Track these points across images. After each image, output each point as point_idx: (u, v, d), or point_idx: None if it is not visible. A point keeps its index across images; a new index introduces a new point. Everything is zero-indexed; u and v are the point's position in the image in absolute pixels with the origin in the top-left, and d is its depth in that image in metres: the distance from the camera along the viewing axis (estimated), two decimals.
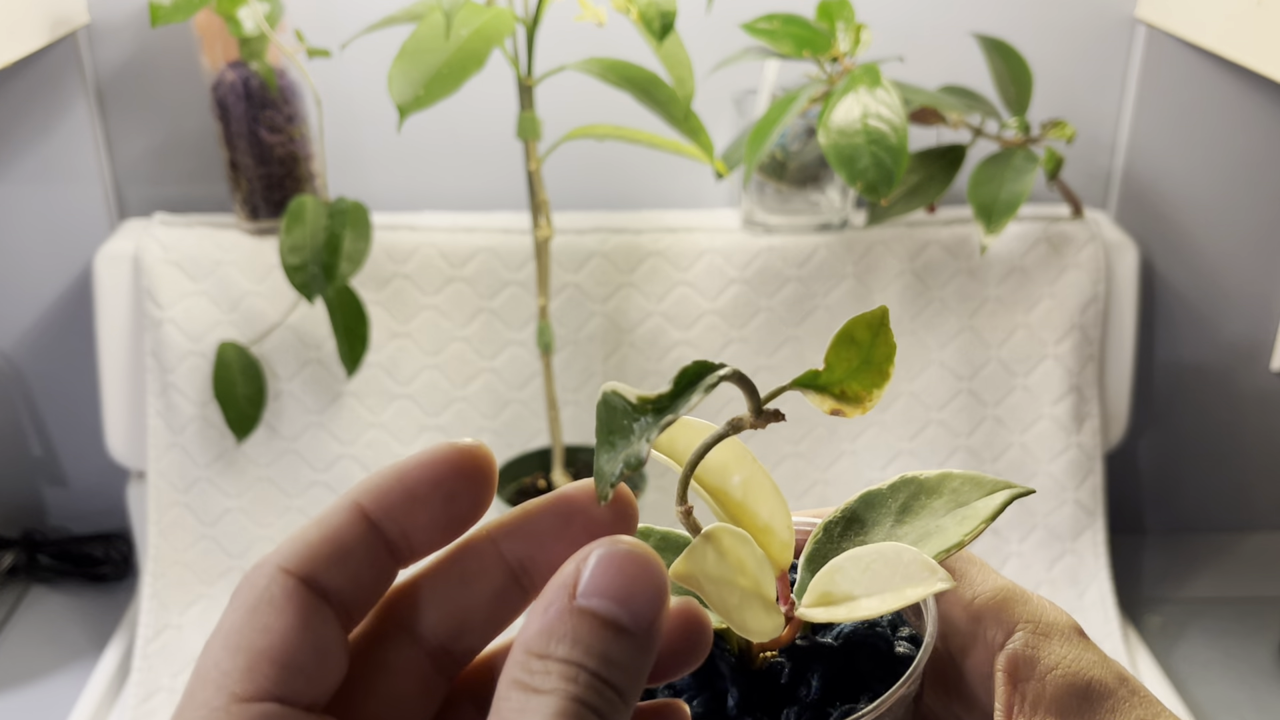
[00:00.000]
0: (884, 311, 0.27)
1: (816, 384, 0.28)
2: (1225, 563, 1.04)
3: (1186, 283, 1.00)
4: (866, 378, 0.28)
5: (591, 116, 0.90)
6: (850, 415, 0.28)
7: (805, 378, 0.28)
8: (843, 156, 0.77)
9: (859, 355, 0.27)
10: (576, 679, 0.22)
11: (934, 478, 0.31)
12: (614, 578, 0.23)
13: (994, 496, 0.30)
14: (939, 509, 0.31)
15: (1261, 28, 0.81)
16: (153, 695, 0.87)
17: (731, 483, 0.32)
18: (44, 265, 0.96)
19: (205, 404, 0.89)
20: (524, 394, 0.92)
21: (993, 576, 0.32)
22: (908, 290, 0.92)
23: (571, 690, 0.22)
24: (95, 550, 1.00)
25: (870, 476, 0.94)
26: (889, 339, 0.27)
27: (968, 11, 0.93)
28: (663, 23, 0.69)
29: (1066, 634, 0.31)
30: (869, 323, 0.27)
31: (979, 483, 0.31)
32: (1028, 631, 0.31)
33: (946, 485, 0.31)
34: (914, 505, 0.31)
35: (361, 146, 0.95)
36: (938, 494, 0.31)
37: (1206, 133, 0.96)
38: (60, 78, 0.91)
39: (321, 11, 0.90)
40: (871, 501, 0.32)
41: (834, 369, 0.28)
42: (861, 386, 0.28)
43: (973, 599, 0.32)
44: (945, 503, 0.31)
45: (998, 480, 0.31)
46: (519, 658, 0.23)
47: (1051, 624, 0.31)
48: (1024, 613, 0.31)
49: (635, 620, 0.23)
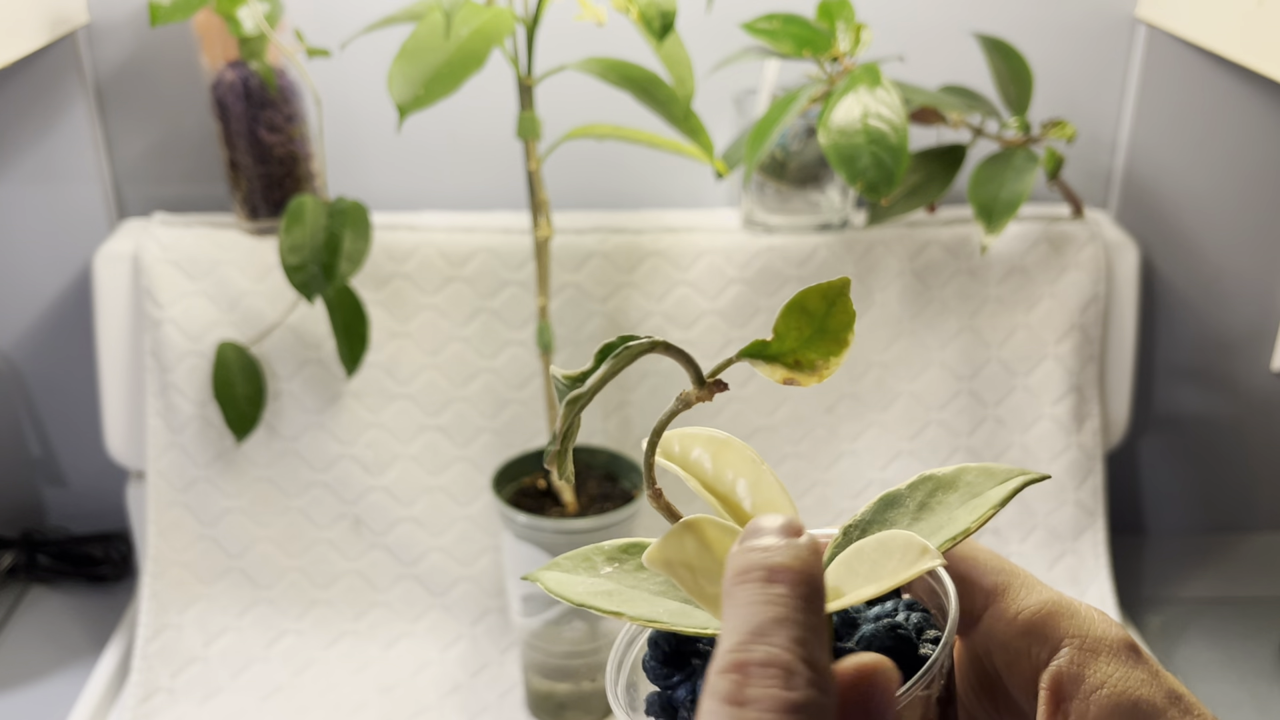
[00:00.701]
0: (845, 282, 0.27)
1: (766, 354, 0.28)
2: (1225, 563, 1.04)
3: (1186, 283, 1.00)
4: (822, 345, 0.28)
5: (591, 116, 0.90)
6: (805, 384, 0.28)
7: (753, 347, 0.28)
8: (843, 156, 0.77)
9: (811, 324, 0.27)
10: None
11: (950, 473, 0.32)
12: None
13: (1006, 484, 0.30)
14: (954, 502, 0.31)
15: (1262, 28, 0.81)
16: (152, 695, 0.87)
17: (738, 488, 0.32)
18: (44, 265, 0.96)
19: (205, 404, 0.89)
20: (524, 394, 0.92)
21: (1039, 589, 0.31)
22: (908, 290, 0.92)
23: None
24: (95, 550, 1.00)
25: (870, 477, 0.94)
26: (847, 307, 0.27)
27: (968, 11, 0.93)
28: (663, 22, 0.69)
29: (1115, 650, 0.30)
30: (824, 292, 0.27)
31: (992, 473, 0.31)
32: (1073, 648, 0.30)
33: (962, 479, 0.31)
34: (930, 502, 0.31)
35: (361, 146, 0.95)
36: (953, 488, 0.31)
37: (1206, 133, 0.96)
38: (60, 78, 0.91)
39: (321, 11, 0.90)
40: (891, 502, 0.32)
41: (784, 338, 0.28)
42: (817, 354, 0.28)
43: (1017, 613, 0.31)
44: (960, 495, 0.31)
45: (1011, 469, 0.31)
46: None
47: (1100, 639, 0.30)
48: (1070, 627, 0.30)
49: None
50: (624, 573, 0.31)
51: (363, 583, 0.92)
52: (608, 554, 0.32)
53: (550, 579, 0.31)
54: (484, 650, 0.91)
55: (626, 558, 0.32)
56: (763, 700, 0.25)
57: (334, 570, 0.92)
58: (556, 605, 0.82)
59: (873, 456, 0.94)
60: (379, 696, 0.88)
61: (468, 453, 0.92)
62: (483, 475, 0.92)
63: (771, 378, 0.28)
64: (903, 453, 0.94)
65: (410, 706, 0.87)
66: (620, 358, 0.27)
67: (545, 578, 0.31)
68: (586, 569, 0.31)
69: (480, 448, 0.92)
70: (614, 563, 0.31)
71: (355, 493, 0.91)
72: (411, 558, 0.92)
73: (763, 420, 0.92)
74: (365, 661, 0.90)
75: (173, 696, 0.87)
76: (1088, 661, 0.30)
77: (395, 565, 0.92)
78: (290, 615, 0.91)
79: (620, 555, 0.32)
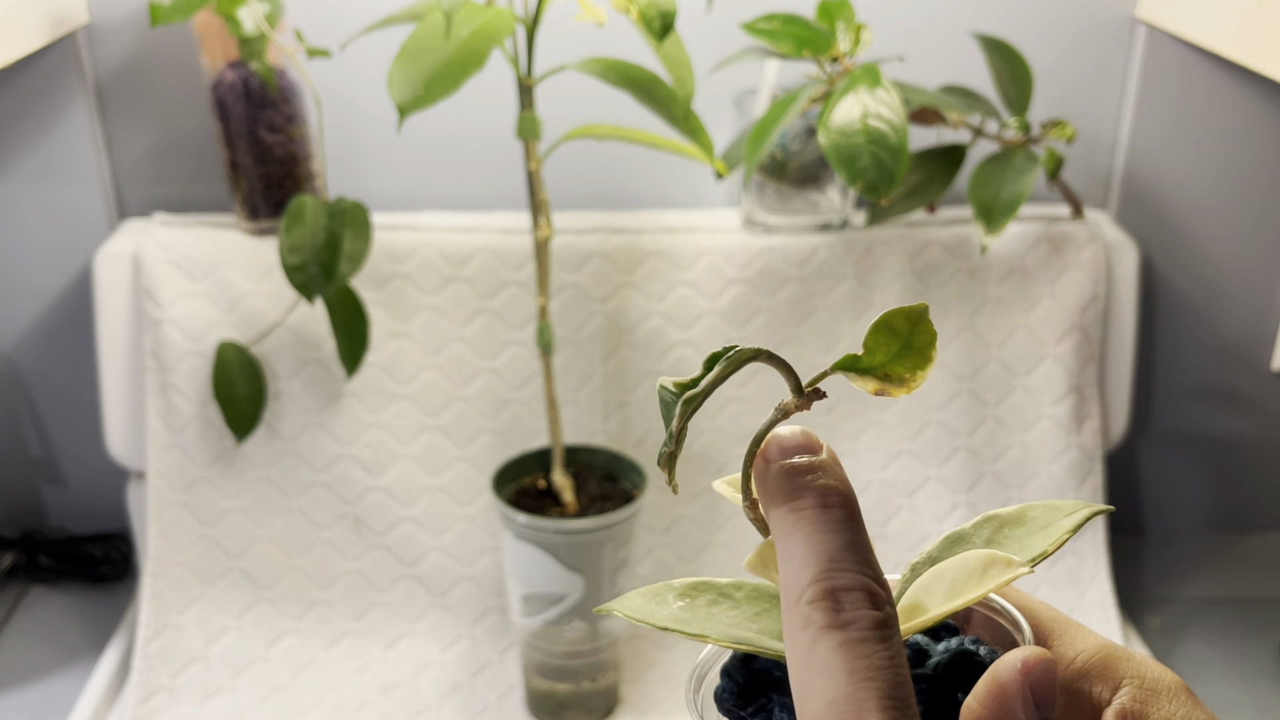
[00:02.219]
0: (924, 307, 0.29)
1: (858, 367, 0.30)
2: (1225, 563, 1.04)
3: (1186, 283, 1.00)
4: (909, 360, 0.30)
5: (591, 116, 0.90)
6: (896, 395, 0.30)
7: (845, 361, 0.30)
8: (843, 156, 0.77)
9: (898, 341, 0.30)
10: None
11: (1015, 510, 0.33)
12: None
13: (1074, 515, 0.32)
14: (1022, 535, 0.33)
15: (1262, 28, 0.81)
16: (153, 695, 0.87)
17: None
18: (44, 265, 0.96)
19: (205, 404, 0.89)
20: (524, 394, 0.92)
21: (1093, 636, 0.33)
22: (908, 290, 0.92)
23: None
24: (95, 550, 1.00)
25: (870, 477, 0.94)
26: (929, 328, 0.30)
27: (968, 11, 0.93)
28: (663, 23, 0.69)
29: (1174, 691, 0.31)
30: (907, 315, 0.30)
31: (1057, 508, 0.33)
32: (1134, 687, 0.31)
33: (1028, 514, 0.33)
34: (998, 537, 0.33)
35: (361, 146, 0.95)
36: (1020, 524, 0.33)
37: (1206, 133, 0.96)
38: (60, 78, 0.91)
39: (321, 11, 0.90)
40: (957, 539, 0.34)
41: (874, 354, 0.30)
42: (905, 369, 0.30)
43: (1075, 657, 0.32)
44: (1027, 529, 0.33)
45: (1076, 503, 0.33)
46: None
47: (1158, 680, 0.31)
48: (1129, 669, 0.32)
49: None
50: (696, 607, 0.33)
51: (363, 583, 0.92)
52: (678, 591, 0.33)
53: (628, 608, 0.33)
54: (484, 650, 0.91)
55: (696, 594, 0.33)
56: (860, 619, 0.28)
57: (334, 570, 0.92)
58: (556, 605, 0.82)
59: (873, 456, 0.94)
60: (379, 697, 0.88)
61: (468, 453, 0.92)
62: (483, 475, 0.92)
63: (863, 389, 0.31)
64: (903, 453, 0.94)
65: (410, 707, 0.87)
66: (731, 361, 0.30)
67: (624, 607, 0.33)
68: (659, 602, 0.33)
69: (480, 448, 0.92)
70: (685, 599, 0.33)
71: (355, 493, 0.91)
72: (412, 558, 0.92)
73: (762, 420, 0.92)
74: (365, 662, 0.90)
75: (173, 696, 0.87)
76: (1149, 700, 0.31)
77: (395, 565, 0.92)
78: (290, 615, 0.91)
79: (691, 593, 0.33)
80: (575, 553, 0.80)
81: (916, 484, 0.94)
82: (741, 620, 0.32)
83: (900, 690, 0.27)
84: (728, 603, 0.33)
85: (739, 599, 0.33)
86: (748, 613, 0.33)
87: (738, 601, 0.33)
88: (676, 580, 0.34)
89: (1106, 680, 0.32)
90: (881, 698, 0.27)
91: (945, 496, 0.94)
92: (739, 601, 0.33)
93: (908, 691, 0.27)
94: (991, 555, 0.30)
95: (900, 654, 0.28)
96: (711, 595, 0.33)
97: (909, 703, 0.27)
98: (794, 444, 0.30)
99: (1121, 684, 0.31)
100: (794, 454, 0.30)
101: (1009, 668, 0.28)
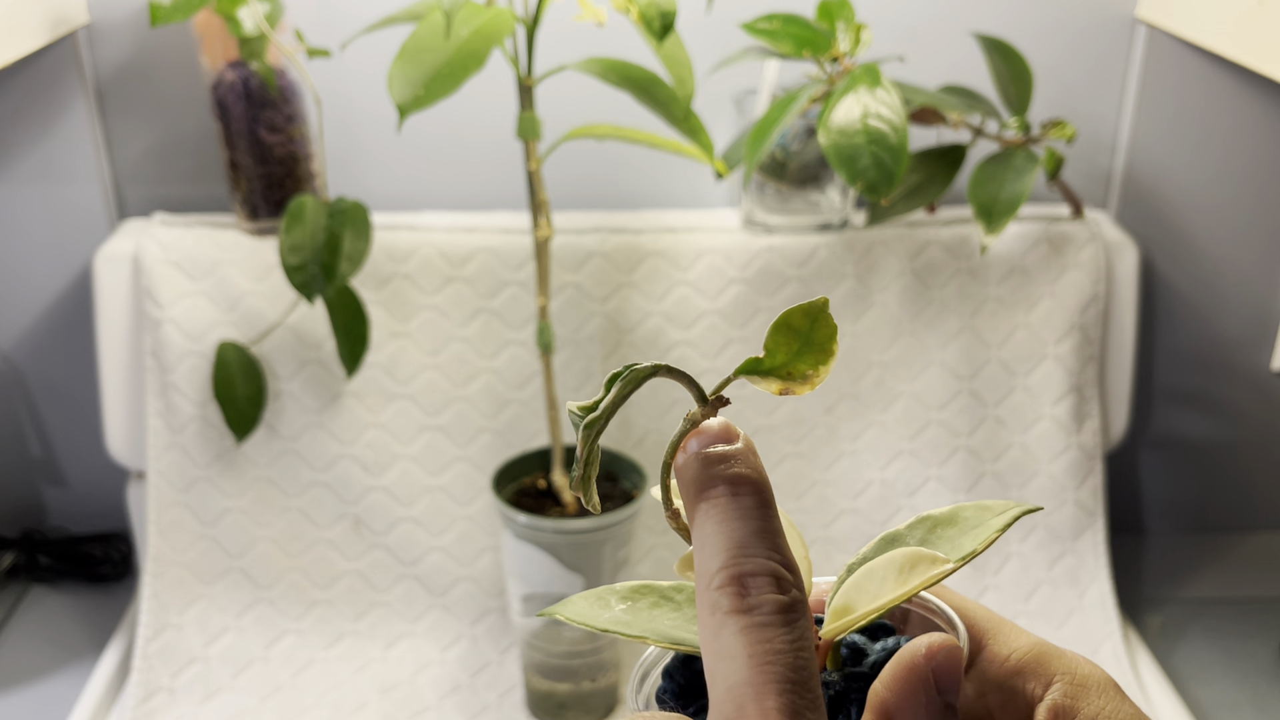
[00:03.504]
0: (824, 302, 0.30)
1: (760, 369, 0.31)
2: (1225, 563, 1.04)
3: (1186, 283, 1.00)
4: (810, 357, 0.30)
5: (591, 116, 0.90)
6: (799, 393, 0.31)
7: (747, 365, 0.31)
8: (843, 156, 0.77)
9: (798, 339, 0.30)
10: None
11: (947, 511, 0.34)
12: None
13: (1004, 514, 0.33)
14: (955, 535, 0.33)
15: (1263, 28, 0.81)
16: (153, 695, 0.87)
17: None
18: (44, 265, 0.96)
19: (205, 404, 0.89)
20: (524, 394, 0.92)
21: (1026, 635, 0.34)
22: (908, 290, 0.92)
23: None
24: (95, 550, 1.00)
25: (870, 476, 0.94)
26: (828, 322, 0.30)
27: (968, 11, 0.93)
28: (663, 23, 0.69)
29: (1103, 687, 0.32)
30: (805, 311, 0.30)
31: (988, 508, 0.34)
32: (1065, 683, 0.32)
33: (960, 515, 0.34)
34: (931, 537, 0.34)
35: (361, 146, 0.95)
36: (952, 524, 0.34)
37: (1206, 133, 0.96)
38: (60, 78, 0.91)
39: (321, 11, 0.90)
40: (892, 540, 0.34)
41: (774, 354, 0.30)
42: (807, 366, 0.30)
43: (1009, 655, 0.33)
44: (960, 529, 0.33)
45: (1007, 503, 0.34)
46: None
47: (1088, 676, 0.33)
48: (1060, 666, 0.33)
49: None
50: (638, 610, 0.33)
51: (363, 583, 0.92)
52: (620, 594, 0.34)
53: (570, 611, 0.33)
54: (484, 650, 0.91)
55: (639, 597, 0.34)
56: (765, 604, 0.28)
57: (334, 570, 0.92)
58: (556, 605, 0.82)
59: (873, 456, 0.94)
60: (379, 697, 0.88)
61: (468, 453, 0.92)
62: (483, 475, 0.92)
63: (768, 390, 0.31)
64: (903, 452, 0.94)
65: (410, 707, 0.87)
66: (627, 381, 0.30)
67: (565, 611, 0.33)
68: (602, 606, 0.33)
69: (480, 448, 0.92)
70: (627, 601, 0.34)
71: (355, 493, 0.91)
72: (411, 558, 0.92)
73: (762, 420, 0.92)
74: (365, 662, 0.90)
75: (173, 696, 0.87)
76: (1080, 695, 0.32)
77: (395, 565, 0.92)
78: (290, 615, 0.91)
79: (633, 595, 0.34)
80: (575, 553, 0.80)
81: (916, 484, 0.94)
82: (682, 622, 0.33)
83: (800, 674, 0.27)
84: (669, 605, 0.33)
85: (680, 601, 0.34)
86: (688, 614, 0.33)
87: (678, 604, 0.34)
88: (619, 584, 0.34)
89: (1039, 677, 0.33)
90: (780, 681, 0.27)
91: (945, 496, 0.94)
92: (680, 604, 0.34)
93: (809, 675, 0.28)
94: (917, 553, 0.31)
95: (806, 638, 0.28)
96: (653, 598, 0.34)
97: (809, 685, 0.28)
98: (710, 435, 0.31)
99: (1053, 680, 0.32)
100: (709, 444, 0.30)
101: (913, 652, 0.29)
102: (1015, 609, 0.93)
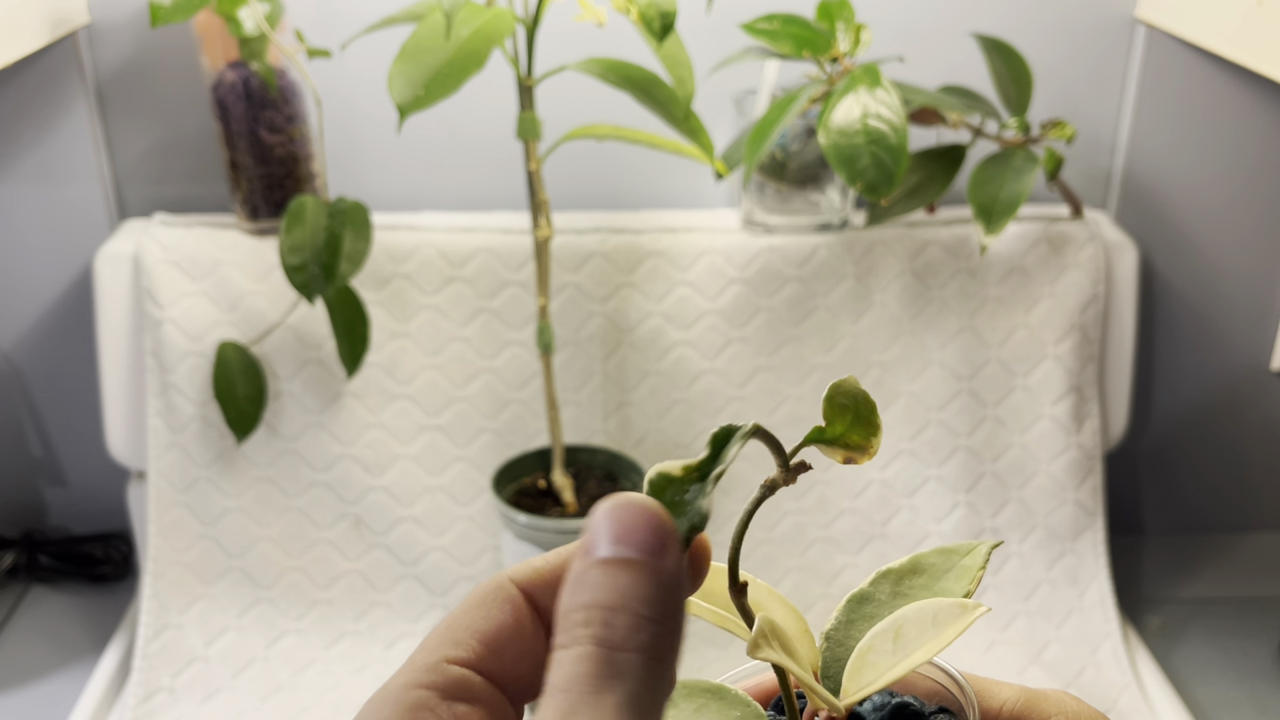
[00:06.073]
0: (852, 381, 0.30)
1: (825, 439, 0.31)
2: (1225, 563, 1.04)
3: (1186, 283, 1.00)
4: (862, 429, 0.31)
5: (591, 116, 0.90)
6: (860, 461, 0.31)
7: (814, 434, 0.31)
8: (843, 156, 0.77)
9: (849, 413, 0.30)
10: (602, 622, 0.24)
11: (905, 562, 0.34)
12: (613, 524, 0.26)
13: (974, 554, 0.33)
14: (929, 583, 0.33)
15: (1262, 28, 0.81)
16: (153, 695, 0.87)
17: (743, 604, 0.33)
18: (44, 265, 0.96)
19: (205, 404, 0.89)
20: (524, 394, 0.92)
21: (1008, 686, 0.34)
22: (908, 290, 0.92)
23: (599, 634, 0.24)
24: (95, 550, 1.00)
25: (870, 476, 0.94)
26: (867, 399, 0.30)
27: (968, 11, 0.93)
28: (663, 23, 0.69)
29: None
30: (843, 390, 0.30)
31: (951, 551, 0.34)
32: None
33: (922, 563, 0.34)
34: (901, 588, 0.34)
35: (361, 146, 0.95)
36: (918, 573, 0.34)
37: (1206, 133, 0.96)
38: (60, 78, 0.91)
39: (321, 11, 0.90)
40: (861, 599, 0.34)
41: (834, 425, 0.31)
42: (860, 438, 0.31)
43: (1000, 707, 0.34)
44: (929, 577, 0.33)
45: (971, 543, 0.34)
46: (557, 627, 0.25)
47: (1079, 713, 0.33)
48: (1052, 708, 0.33)
49: (641, 550, 0.25)
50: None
51: (363, 583, 0.92)
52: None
53: None
54: None
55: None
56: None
57: (334, 570, 0.92)
58: None
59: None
60: None
61: (468, 453, 0.92)
62: (483, 475, 0.92)
63: (834, 459, 0.31)
64: (903, 452, 0.94)
65: None
66: (734, 441, 0.28)
67: None
68: None
69: (480, 448, 0.92)
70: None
71: (355, 493, 0.91)
72: (412, 558, 0.92)
73: (761, 420, 0.92)
74: (366, 662, 0.90)
75: (173, 696, 0.87)
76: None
77: (395, 565, 0.92)
78: (291, 615, 0.91)
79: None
80: None
81: (916, 484, 0.94)
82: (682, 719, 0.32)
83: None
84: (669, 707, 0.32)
85: (675, 699, 0.33)
86: (685, 710, 0.32)
87: (673, 701, 0.32)
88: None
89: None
90: None
91: (945, 496, 0.94)
92: (674, 701, 0.32)
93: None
94: (937, 604, 0.31)
95: None
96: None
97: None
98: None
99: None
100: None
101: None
102: (1015, 609, 0.93)
